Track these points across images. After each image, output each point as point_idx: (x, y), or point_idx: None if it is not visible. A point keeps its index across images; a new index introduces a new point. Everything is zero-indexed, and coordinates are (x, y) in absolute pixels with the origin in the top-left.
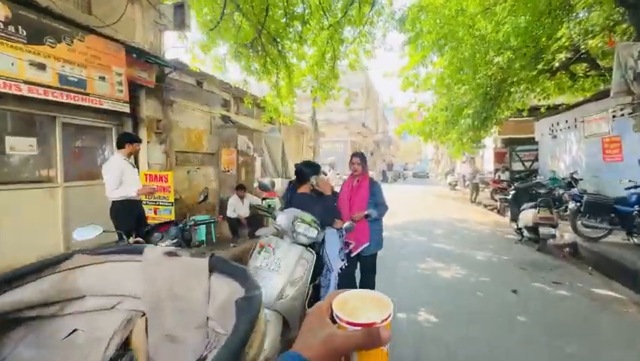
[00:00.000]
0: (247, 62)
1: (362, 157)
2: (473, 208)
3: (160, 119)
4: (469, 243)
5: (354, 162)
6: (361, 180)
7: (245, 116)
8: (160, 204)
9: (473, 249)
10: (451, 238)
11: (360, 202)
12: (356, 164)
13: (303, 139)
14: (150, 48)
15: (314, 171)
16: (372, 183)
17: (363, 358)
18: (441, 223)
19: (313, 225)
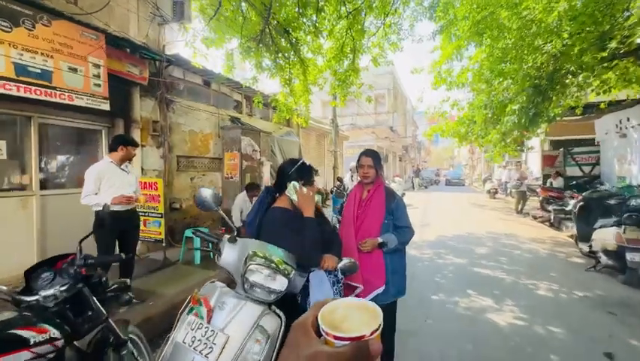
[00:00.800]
0: (257, 58)
1: (375, 157)
2: (520, 220)
3: (157, 121)
4: (523, 268)
5: (364, 164)
6: (374, 190)
7: (260, 119)
8: (150, 216)
9: (531, 277)
10: (499, 261)
11: (372, 224)
12: (366, 166)
13: (325, 143)
14: (147, 42)
15: (301, 174)
16: (390, 194)
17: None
18: (483, 239)
19: (282, 268)
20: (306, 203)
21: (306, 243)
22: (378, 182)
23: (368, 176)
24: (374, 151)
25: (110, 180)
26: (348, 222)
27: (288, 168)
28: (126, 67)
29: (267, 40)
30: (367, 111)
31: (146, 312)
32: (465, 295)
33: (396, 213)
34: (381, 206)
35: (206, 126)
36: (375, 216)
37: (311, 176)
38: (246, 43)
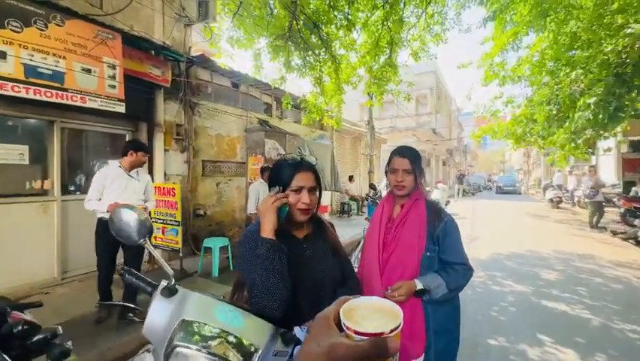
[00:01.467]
0: (286, 57)
1: (413, 157)
2: (596, 237)
3: (181, 124)
4: (613, 304)
5: (397, 168)
6: (410, 206)
7: (292, 122)
8: (167, 223)
9: (627, 319)
10: (576, 292)
11: (407, 257)
12: (400, 172)
13: (360, 147)
14: (173, 43)
15: (278, 174)
16: (434, 212)
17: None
18: (550, 260)
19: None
20: (262, 214)
21: (255, 288)
22: (418, 194)
23: (403, 186)
24: (412, 149)
25: (114, 185)
26: (371, 254)
27: (273, 167)
28: (147, 68)
29: (296, 37)
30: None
31: None
32: (535, 341)
33: (445, 241)
34: (420, 230)
35: (233, 130)
36: (412, 246)
37: (287, 178)
38: (274, 42)
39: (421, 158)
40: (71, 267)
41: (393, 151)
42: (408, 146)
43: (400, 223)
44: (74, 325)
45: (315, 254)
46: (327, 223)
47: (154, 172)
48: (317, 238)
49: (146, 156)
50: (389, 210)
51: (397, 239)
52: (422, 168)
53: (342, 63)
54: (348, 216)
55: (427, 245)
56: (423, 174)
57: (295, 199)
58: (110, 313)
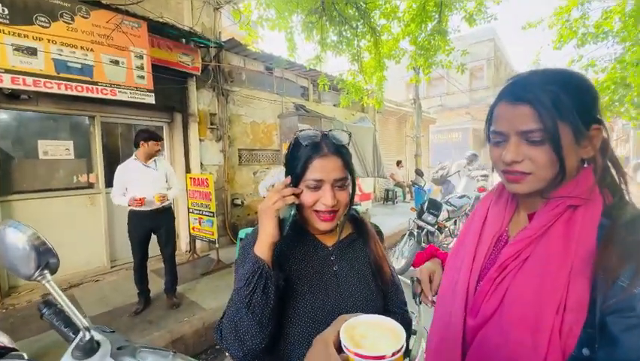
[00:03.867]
0: (320, 33)
1: (548, 101)
2: None
3: (214, 113)
4: None
5: (504, 130)
6: (548, 222)
7: (331, 105)
8: (203, 214)
9: None
10: None
11: (524, 342)
12: (513, 136)
13: (406, 129)
14: (203, 29)
15: (293, 162)
16: (625, 244)
17: None
18: None
19: None
20: (259, 218)
21: (224, 315)
22: (580, 187)
23: (521, 173)
24: (553, 78)
25: (132, 178)
26: (447, 302)
27: (288, 148)
28: (177, 57)
29: (330, 9)
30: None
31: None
32: None
33: (635, 332)
34: (567, 273)
35: (269, 116)
36: (543, 325)
37: (299, 166)
38: (307, 19)
39: (583, 95)
40: (119, 256)
41: (501, 90)
42: (538, 71)
43: (517, 258)
44: (113, 316)
45: (346, 272)
46: (371, 227)
47: (190, 163)
48: (353, 248)
49: (157, 144)
50: (499, 222)
51: (508, 296)
52: (592, 117)
53: (382, 35)
54: (393, 204)
55: (586, 331)
56: (596, 134)
57: (312, 198)
58: (147, 304)
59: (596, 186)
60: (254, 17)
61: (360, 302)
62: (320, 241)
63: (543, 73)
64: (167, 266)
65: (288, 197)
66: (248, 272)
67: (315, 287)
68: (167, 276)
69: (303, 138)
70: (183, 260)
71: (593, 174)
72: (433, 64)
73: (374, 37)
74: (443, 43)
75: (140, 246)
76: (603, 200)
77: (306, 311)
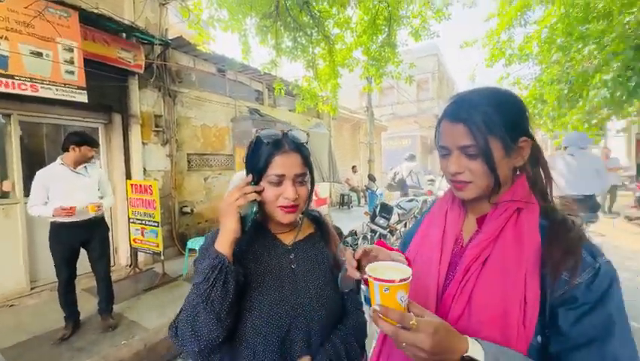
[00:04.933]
0: (275, 39)
1: (481, 117)
2: (611, 223)
3: (160, 115)
4: None
5: (447, 145)
6: (499, 225)
7: (287, 110)
8: (147, 224)
9: None
10: None
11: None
12: (455, 150)
13: (360, 135)
14: (147, 25)
15: (254, 159)
16: (568, 243)
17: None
18: None
19: None
20: (221, 215)
21: (182, 311)
22: (520, 193)
23: (464, 183)
24: (480, 96)
25: (58, 186)
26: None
27: (249, 148)
28: (115, 52)
29: (285, 15)
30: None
31: (115, 355)
32: None
33: (582, 323)
34: (523, 272)
35: (221, 120)
36: (503, 324)
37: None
38: (261, 22)
39: (511, 114)
40: (41, 275)
41: (443, 110)
42: (474, 91)
43: (477, 261)
44: (31, 346)
45: (305, 270)
46: (331, 226)
47: (131, 168)
48: (314, 247)
49: (92, 150)
50: (454, 227)
51: (474, 297)
52: (521, 131)
53: (336, 44)
54: (348, 208)
55: (539, 321)
56: (524, 147)
57: (274, 194)
58: (76, 328)
59: (531, 191)
60: (204, 16)
61: (317, 300)
62: (279, 240)
63: (479, 93)
64: (101, 284)
65: (250, 194)
66: (208, 267)
67: (272, 284)
68: (102, 294)
69: (264, 137)
70: (123, 275)
71: (527, 181)
72: (384, 74)
73: (328, 46)
74: (392, 55)
75: (66, 263)
76: (538, 203)
77: (262, 307)
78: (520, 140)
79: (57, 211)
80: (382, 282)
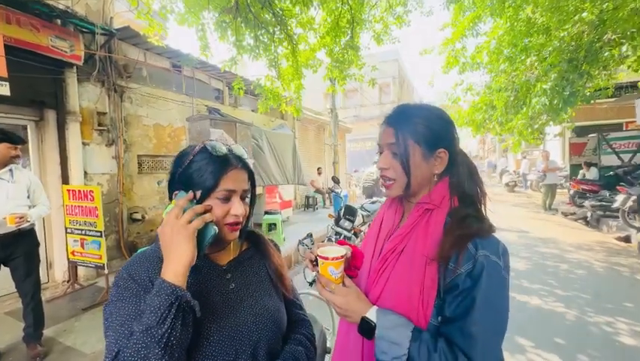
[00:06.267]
0: (236, 35)
1: (406, 122)
2: (551, 219)
3: (104, 112)
4: (583, 294)
5: (380, 144)
6: (415, 222)
7: (249, 110)
8: (87, 234)
9: (601, 311)
10: (546, 282)
11: (399, 297)
12: (385, 150)
13: (325, 137)
14: (88, 12)
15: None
16: (459, 237)
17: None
18: (516, 247)
19: None
20: (168, 243)
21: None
22: (435, 196)
23: (388, 179)
24: (410, 109)
25: None
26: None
27: (181, 156)
28: (47, 40)
29: (245, 11)
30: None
31: None
32: (514, 346)
33: (460, 306)
34: (425, 275)
35: (176, 119)
36: (410, 301)
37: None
38: (220, 17)
39: (436, 127)
40: None
41: (385, 116)
42: (413, 105)
43: (394, 252)
44: None
45: (244, 288)
46: (266, 239)
47: (69, 171)
48: (251, 263)
49: (15, 148)
50: (391, 223)
51: (389, 283)
52: (439, 143)
53: (299, 44)
54: (313, 210)
55: (436, 303)
56: (442, 156)
57: (222, 210)
58: None
59: (447, 194)
60: (156, 7)
61: (261, 315)
62: (213, 261)
63: (416, 107)
64: (28, 307)
65: (207, 215)
66: (161, 307)
67: (212, 309)
68: (28, 319)
69: (215, 149)
70: (58, 293)
71: (442, 182)
72: (347, 76)
73: (291, 45)
74: (355, 57)
75: None
76: (450, 204)
77: (209, 337)
78: (438, 150)
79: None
80: (320, 258)
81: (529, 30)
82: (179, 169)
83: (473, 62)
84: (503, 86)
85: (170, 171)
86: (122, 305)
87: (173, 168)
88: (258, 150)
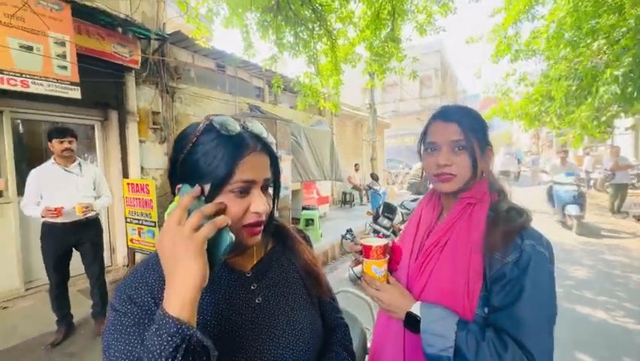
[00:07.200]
0: (276, 33)
1: (469, 121)
2: (620, 223)
3: (158, 112)
4: None
5: (437, 141)
6: (461, 212)
7: (288, 108)
8: (144, 224)
9: None
10: (614, 294)
11: (442, 290)
12: (445, 146)
13: (362, 133)
14: (144, 19)
15: (193, 165)
16: (508, 231)
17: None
18: (575, 253)
19: None
20: (168, 257)
21: None
22: (477, 191)
23: (450, 175)
24: (465, 109)
25: (49, 186)
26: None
27: (182, 139)
28: (111, 47)
29: (286, 9)
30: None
31: None
32: None
33: (508, 296)
34: (470, 266)
35: None
36: (454, 293)
37: (222, 166)
38: (261, 17)
39: (484, 125)
40: (36, 276)
41: (433, 114)
42: (456, 105)
43: (437, 245)
44: (22, 350)
45: (274, 303)
46: (293, 232)
47: (128, 167)
48: (278, 265)
49: (62, 141)
50: (430, 213)
51: (433, 275)
52: (487, 141)
53: (339, 39)
54: (350, 207)
55: (482, 294)
56: (488, 153)
57: (240, 208)
58: (70, 333)
59: (487, 190)
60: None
61: (298, 338)
62: (234, 268)
63: (460, 107)
64: (95, 287)
65: (220, 218)
66: (163, 351)
67: (236, 334)
68: (95, 298)
69: (225, 127)
70: (119, 276)
71: (484, 180)
72: (387, 70)
73: (330, 41)
74: (396, 50)
75: (56, 266)
76: (491, 199)
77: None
78: (487, 147)
79: (44, 212)
80: (364, 247)
81: (596, 10)
82: (181, 155)
83: (527, 49)
84: (564, 74)
85: (170, 158)
86: (121, 337)
87: (174, 153)
88: (296, 147)
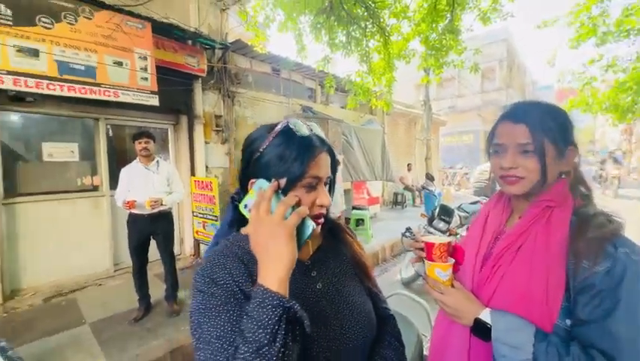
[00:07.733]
0: (329, 34)
1: (539, 121)
2: None
3: (220, 115)
4: None
5: (504, 142)
6: (533, 219)
7: (339, 108)
8: (208, 218)
9: None
10: None
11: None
12: (511, 148)
13: (416, 131)
14: (209, 31)
15: (281, 159)
16: (595, 238)
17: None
18: None
19: None
20: (262, 242)
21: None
22: (556, 194)
23: (516, 178)
24: (538, 106)
25: (134, 182)
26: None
27: (255, 140)
28: (183, 58)
29: (338, 9)
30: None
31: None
32: None
33: (597, 310)
34: (550, 275)
35: (274, 118)
36: (530, 282)
37: (298, 165)
38: (315, 19)
39: (565, 123)
40: (122, 259)
41: (502, 114)
42: (531, 101)
43: (510, 249)
44: (112, 322)
45: (332, 288)
46: (345, 227)
47: (195, 165)
48: (335, 255)
49: (140, 142)
50: (499, 218)
51: (504, 279)
52: (570, 141)
53: (392, 35)
54: (402, 208)
55: (563, 305)
56: (571, 155)
57: (308, 201)
58: (148, 311)
59: (569, 192)
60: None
61: (357, 320)
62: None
63: (535, 104)
64: (168, 273)
65: (302, 209)
66: (270, 321)
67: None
68: (167, 282)
69: (299, 129)
70: (187, 264)
71: (569, 184)
72: (445, 64)
73: (383, 38)
74: (455, 42)
75: (136, 251)
76: (574, 203)
77: (310, 348)
78: (569, 147)
79: (123, 205)
80: (426, 245)
81: None
82: (257, 153)
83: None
84: None
85: (244, 157)
86: (212, 315)
87: (247, 153)
88: (347, 146)
